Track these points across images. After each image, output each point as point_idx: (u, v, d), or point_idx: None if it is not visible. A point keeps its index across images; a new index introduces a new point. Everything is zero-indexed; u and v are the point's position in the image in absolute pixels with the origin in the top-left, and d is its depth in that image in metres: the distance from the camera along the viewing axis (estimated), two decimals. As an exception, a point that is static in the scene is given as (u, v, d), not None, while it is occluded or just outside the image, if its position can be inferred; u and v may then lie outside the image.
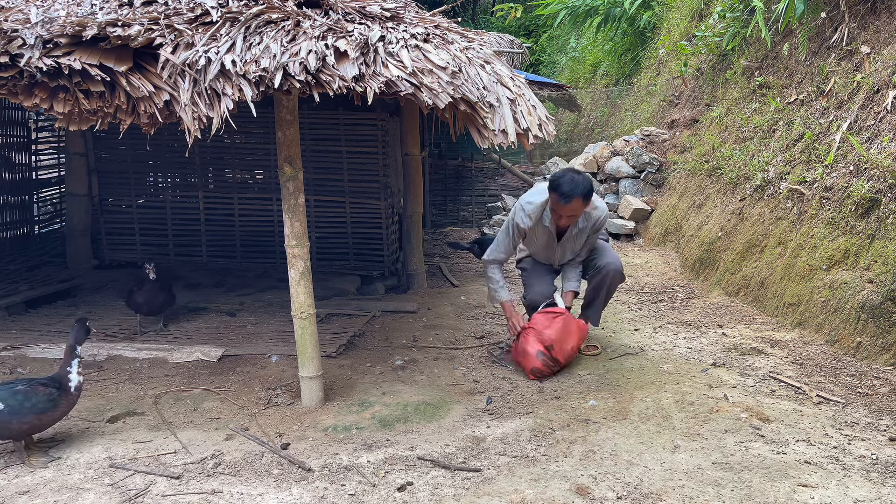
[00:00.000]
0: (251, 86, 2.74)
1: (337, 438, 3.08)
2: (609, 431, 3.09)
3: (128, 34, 2.78)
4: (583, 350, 4.10)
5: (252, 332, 4.58)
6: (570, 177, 3.64)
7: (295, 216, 3.27)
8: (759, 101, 6.47)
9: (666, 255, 6.91)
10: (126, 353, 4.12)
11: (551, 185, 3.68)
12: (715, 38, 7.69)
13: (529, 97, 3.23)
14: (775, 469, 2.70)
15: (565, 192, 3.60)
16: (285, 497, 2.59)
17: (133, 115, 2.75)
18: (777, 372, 3.78)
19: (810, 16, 5.81)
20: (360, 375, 3.82)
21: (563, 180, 3.62)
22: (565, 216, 3.73)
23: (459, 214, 10.28)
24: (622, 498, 2.54)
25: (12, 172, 6.58)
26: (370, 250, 6.09)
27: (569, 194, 3.60)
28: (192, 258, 6.34)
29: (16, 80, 2.71)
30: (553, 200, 3.69)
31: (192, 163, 6.20)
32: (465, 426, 3.19)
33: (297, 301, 3.33)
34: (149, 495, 2.62)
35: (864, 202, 4.25)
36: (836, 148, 4.81)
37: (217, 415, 3.36)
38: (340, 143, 5.87)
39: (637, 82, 11.46)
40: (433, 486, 2.64)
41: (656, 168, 8.29)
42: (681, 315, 5.07)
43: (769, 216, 5.34)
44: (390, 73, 2.85)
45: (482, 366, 4.01)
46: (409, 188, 5.80)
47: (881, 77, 4.72)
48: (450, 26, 3.51)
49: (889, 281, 3.80)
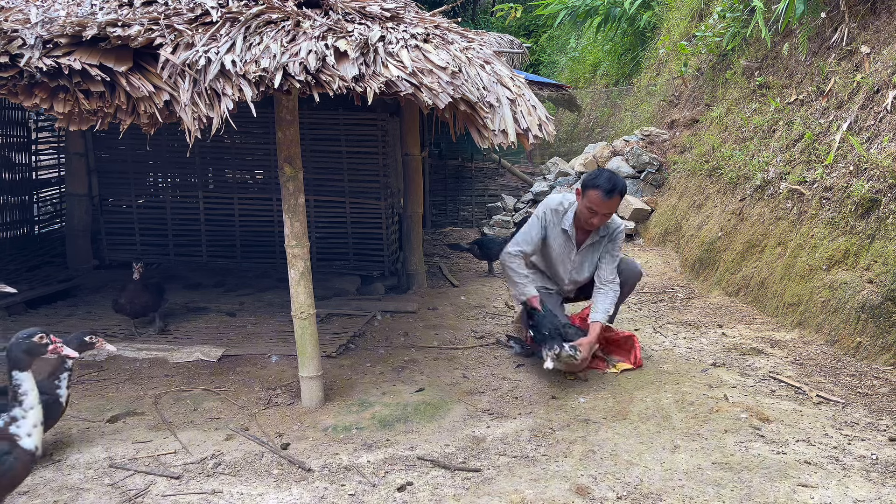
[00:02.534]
0: (251, 86, 2.74)
1: (337, 438, 3.08)
2: (609, 431, 3.09)
3: (128, 34, 2.78)
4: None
5: (252, 332, 4.58)
6: (607, 174, 3.69)
7: (295, 216, 3.26)
8: (759, 101, 6.47)
9: (666, 255, 6.91)
10: (126, 353, 4.12)
11: (590, 183, 3.68)
12: (715, 38, 7.69)
13: (529, 97, 3.23)
14: (775, 469, 2.70)
15: (607, 189, 3.63)
16: (285, 497, 2.59)
17: (133, 115, 2.74)
18: (777, 372, 3.78)
19: (810, 16, 5.81)
20: (360, 375, 3.82)
21: (602, 178, 3.67)
22: (601, 213, 3.71)
23: (459, 214, 10.28)
24: (622, 498, 2.54)
25: (12, 172, 6.58)
26: (370, 250, 6.10)
27: (611, 190, 3.63)
28: (192, 258, 6.34)
29: (16, 80, 2.70)
30: (593, 199, 3.67)
31: (192, 163, 6.20)
32: (465, 426, 3.19)
33: (297, 301, 3.33)
34: (149, 495, 2.62)
35: (864, 202, 4.25)
36: (836, 148, 4.81)
37: (217, 415, 3.36)
38: (340, 143, 5.88)
39: (637, 82, 11.46)
40: (433, 486, 2.64)
41: (656, 168, 8.29)
42: (681, 315, 5.07)
43: (769, 216, 5.34)
44: (390, 73, 2.85)
45: (482, 366, 4.01)
46: (409, 188, 5.80)
47: (881, 77, 4.72)
48: (450, 26, 3.51)
49: (889, 281, 3.80)
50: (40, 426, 2.21)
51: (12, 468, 2.13)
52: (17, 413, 2.18)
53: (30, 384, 2.19)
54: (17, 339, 2.22)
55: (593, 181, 3.68)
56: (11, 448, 2.14)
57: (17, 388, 2.19)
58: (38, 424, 2.21)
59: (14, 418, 2.18)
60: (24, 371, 2.20)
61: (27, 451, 2.16)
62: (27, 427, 2.18)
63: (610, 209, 3.72)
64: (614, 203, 3.69)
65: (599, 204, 3.66)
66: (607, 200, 3.65)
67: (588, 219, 3.77)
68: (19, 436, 2.16)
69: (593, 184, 3.67)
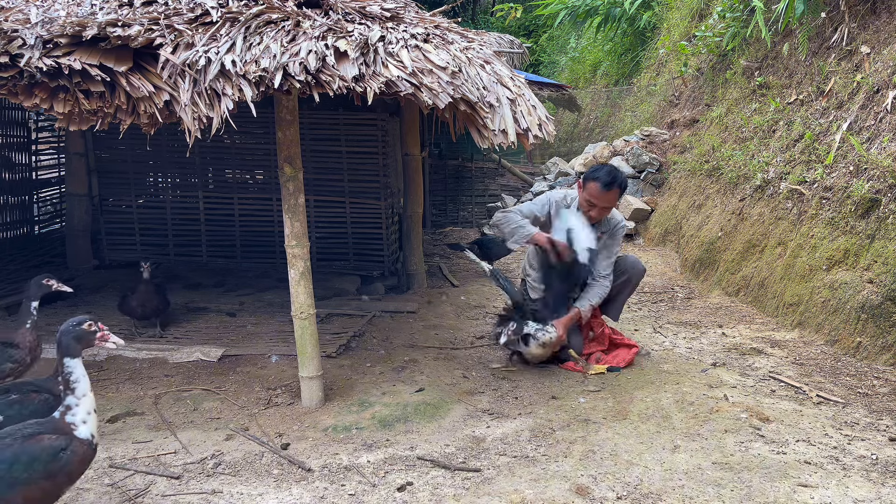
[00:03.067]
0: (251, 86, 2.74)
1: (337, 438, 3.08)
2: (609, 431, 3.09)
3: (128, 34, 2.77)
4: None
5: (252, 332, 4.58)
6: (608, 168, 3.82)
7: (295, 216, 3.27)
8: (759, 101, 6.47)
9: (666, 255, 6.91)
10: (126, 353, 4.12)
11: (590, 176, 3.78)
12: (715, 38, 7.69)
13: (529, 97, 3.23)
14: (775, 469, 2.70)
15: (606, 181, 3.72)
16: (285, 497, 2.59)
17: (133, 115, 2.74)
18: (777, 372, 3.78)
19: (810, 16, 5.81)
20: (360, 375, 3.82)
21: (603, 171, 3.78)
22: (600, 206, 3.79)
23: (459, 214, 10.28)
24: (622, 498, 2.54)
25: (12, 172, 6.57)
26: (370, 250, 6.09)
27: (609, 182, 3.73)
28: (192, 258, 6.33)
29: (16, 80, 2.70)
30: (591, 190, 3.76)
31: (192, 163, 6.19)
32: (465, 426, 3.19)
33: (297, 301, 3.33)
34: (149, 495, 2.62)
35: (864, 202, 4.25)
36: (836, 148, 4.81)
37: (217, 415, 3.36)
38: (340, 143, 5.87)
39: (637, 82, 11.46)
40: (433, 486, 2.64)
41: (656, 168, 8.29)
42: (681, 315, 5.07)
43: (769, 216, 5.34)
44: (390, 73, 2.85)
45: (482, 366, 4.01)
46: (409, 188, 5.80)
47: (881, 77, 4.72)
48: (450, 26, 3.51)
49: (889, 281, 3.80)
50: (94, 413, 2.18)
51: (68, 464, 2.09)
52: (70, 401, 2.15)
53: (81, 371, 2.17)
54: (68, 327, 2.21)
55: (593, 174, 3.78)
56: (68, 443, 2.10)
57: (70, 375, 2.16)
58: (92, 411, 2.17)
59: (68, 407, 2.14)
60: (74, 358, 2.18)
61: (83, 442, 2.13)
62: (82, 414, 2.15)
63: (609, 202, 3.79)
64: (613, 196, 3.77)
65: (598, 196, 3.74)
66: (606, 192, 3.73)
67: (587, 211, 3.83)
68: (75, 424, 2.13)
69: (593, 176, 3.77)
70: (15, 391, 2.68)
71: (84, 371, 2.19)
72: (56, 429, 2.13)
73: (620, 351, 3.99)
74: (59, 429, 2.13)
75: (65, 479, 2.12)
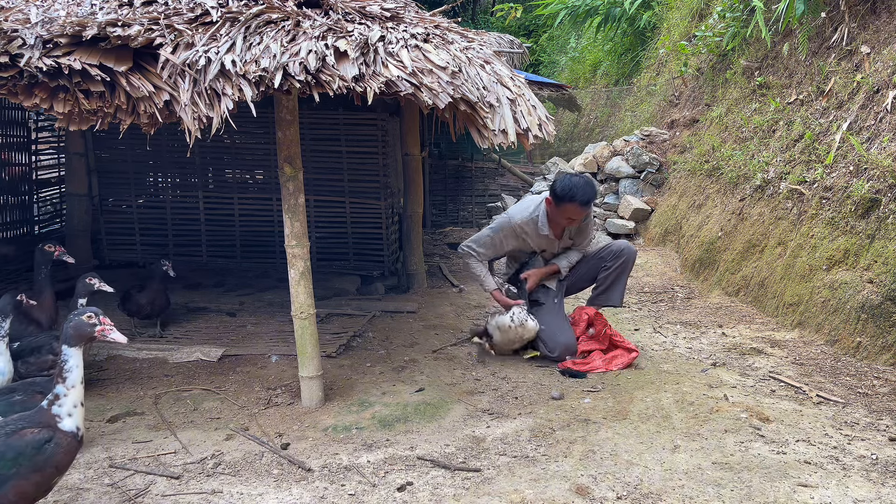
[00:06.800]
0: (251, 86, 2.74)
1: (337, 438, 3.08)
2: (609, 431, 3.09)
3: (128, 34, 2.77)
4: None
5: (252, 332, 4.58)
6: (581, 184, 3.90)
7: (295, 216, 3.27)
8: (759, 101, 6.47)
9: (666, 255, 6.91)
10: (126, 353, 4.12)
11: (566, 196, 3.88)
12: (715, 38, 7.69)
13: (529, 97, 3.23)
14: (775, 469, 2.70)
15: (584, 201, 3.88)
16: (285, 497, 2.59)
17: (133, 115, 2.74)
18: (777, 372, 3.78)
19: (810, 16, 5.81)
20: (360, 375, 3.82)
21: (578, 190, 3.87)
22: (577, 218, 4.01)
23: (459, 214, 10.27)
24: (622, 498, 2.54)
25: (11, 170, 6.57)
26: (370, 250, 6.09)
27: (587, 201, 3.90)
28: (192, 258, 6.33)
29: (16, 80, 2.70)
30: (570, 211, 3.93)
31: (192, 163, 6.19)
32: (465, 426, 3.19)
33: (297, 301, 3.33)
34: (149, 495, 2.62)
35: (864, 202, 4.25)
36: (836, 148, 4.81)
37: (217, 415, 3.36)
38: (340, 143, 5.87)
39: (637, 82, 11.46)
40: (433, 486, 2.64)
41: (656, 168, 8.29)
42: (681, 315, 5.07)
43: (769, 216, 5.34)
44: (390, 73, 2.85)
45: (482, 366, 4.01)
46: (409, 188, 5.80)
47: (881, 77, 4.72)
48: (450, 26, 3.51)
49: (889, 281, 3.80)
50: (81, 406, 2.17)
51: (54, 455, 2.08)
52: (59, 390, 2.14)
53: (76, 360, 2.16)
54: (71, 316, 2.25)
55: (569, 193, 3.88)
56: (51, 435, 2.09)
57: (64, 363, 2.16)
58: (79, 404, 2.15)
59: (56, 396, 2.14)
60: (72, 347, 2.18)
61: (67, 434, 2.11)
62: (68, 406, 2.13)
63: (585, 214, 4.03)
64: (590, 208, 4.01)
65: (578, 213, 3.96)
66: (585, 209, 3.95)
67: (567, 225, 4.07)
68: (60, 416, 2.12)
69: (569, 196, 3.88)
70: (21, 391, 2.72)
71: (79, 362, 2.18)
72: (40, 422, 2.13)
73: (619, 353, 3.99)
74: (43, 422, 2.12)
75: (53, 471, 2.12)
